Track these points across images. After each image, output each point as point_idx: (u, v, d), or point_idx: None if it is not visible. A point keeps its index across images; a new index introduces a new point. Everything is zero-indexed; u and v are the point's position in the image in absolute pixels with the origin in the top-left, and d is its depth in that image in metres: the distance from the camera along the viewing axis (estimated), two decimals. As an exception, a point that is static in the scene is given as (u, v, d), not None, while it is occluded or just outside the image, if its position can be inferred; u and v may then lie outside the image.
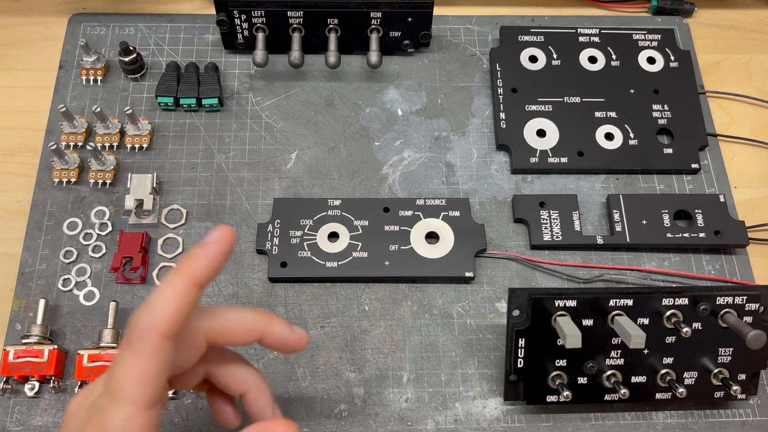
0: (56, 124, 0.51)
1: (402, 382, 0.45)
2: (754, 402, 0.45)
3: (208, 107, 0.53)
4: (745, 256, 0.50)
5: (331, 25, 0.53)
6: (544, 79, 0.55)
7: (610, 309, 0.41)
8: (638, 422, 0.44)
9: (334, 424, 0.43)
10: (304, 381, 0.44)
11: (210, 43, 0.56)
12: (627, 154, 0.52)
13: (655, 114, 0.54)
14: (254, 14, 0.52)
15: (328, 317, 0.46)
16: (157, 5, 0.58)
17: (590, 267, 0.49)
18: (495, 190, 0.51)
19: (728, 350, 0.42)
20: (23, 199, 0.49)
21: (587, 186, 0.52)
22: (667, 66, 0.56)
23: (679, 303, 0.41)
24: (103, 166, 0.49)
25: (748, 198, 0.53)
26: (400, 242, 0.48)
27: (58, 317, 0.45)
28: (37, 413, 0.42)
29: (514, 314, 0.41)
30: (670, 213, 0.50)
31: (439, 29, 0.57)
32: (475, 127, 0.54)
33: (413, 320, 0.46)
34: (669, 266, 0.49)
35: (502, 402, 0.44)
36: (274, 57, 0.55)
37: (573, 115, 0.53)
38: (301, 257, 0.47)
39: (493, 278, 0.48)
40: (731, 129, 0.55)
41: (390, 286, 0.48)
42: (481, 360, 0.45)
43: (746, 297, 0.41)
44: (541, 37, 0.56)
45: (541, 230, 0.49)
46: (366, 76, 0.55)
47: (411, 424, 0.43)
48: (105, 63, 0.54)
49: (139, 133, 0.51)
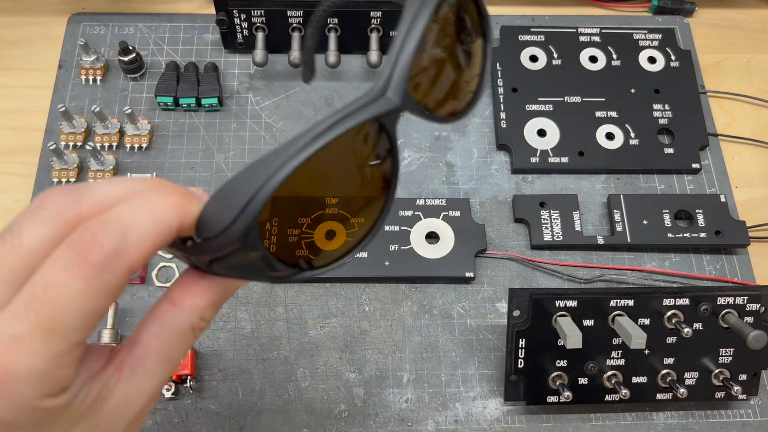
0: (55, 124, 0.51)
1: (402, 382, 0.44)
2: (755, 402, 0.45)
3: (208, 107, 0.53)
4: (746, 256, 0.50)
5: (330, 24, 0.53)
6: (544, 79, 0.55)
7: (611, 309, 0.41)
8: (639, 423, 0.44)
9: (334, 424, 0.43)
10: (304, 381, 0.44)
11: (209, 42, 0.56)
12: (628, 154, 0.52)
13: (655, 114, 0.54)
14: (254, 14, 0.52)
15: (328, 317, 0.46)
16: (156, 5, 0.58)
17: (591, 267, 0.48)
18: (495, 190, 0.51)
19: (729, 350, 0.42)
20: (22, 200, 0.49)
21: (588, 186, 0.52)
22: (668, 66, 0.56)
23: (679, 303, 0.41)
24: (102, 166, 0.49)
25: (748, 198, 0.52)
26: (400, 242, 0.48)
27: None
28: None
29: (514, 314, 0.41)
30: (670, 213, 0.50)
31: (439, 29, 0.57)
32: (476, 126, 0.54)
33: (413, 320, 0.46)
34: (670, 266, 0.49)
35: (503, 402, 0.44)
36: (274, 56, 0.55)
37: (573, 115, 0.53)
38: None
39: (494, 278, 0.48)
40: (732, 129, 0.55)
41: (390, 287, 0.47)
42: (482, 360, 0.45)
43: (747, 297, 0.41)
44: (542, 37, 0.56)
45: (542, 230, 0.49)
46: (366, 75, 0.55)
47: (411, 425, 0.43)
48: (104, 63, 0.54)
49: (138, 132, 0.51)
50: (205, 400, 0.43)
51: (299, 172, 0.21)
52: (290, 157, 0.21)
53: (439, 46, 0.28)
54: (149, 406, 0.24)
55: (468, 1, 0.28)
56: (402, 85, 0.24)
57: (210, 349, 0.45)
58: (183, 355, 0.24)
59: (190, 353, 0.42)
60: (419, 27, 0.24)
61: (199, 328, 0.24)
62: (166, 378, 0.24)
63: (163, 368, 0.23)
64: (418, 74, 0.26)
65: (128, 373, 0.23)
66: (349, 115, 0.23)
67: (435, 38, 0.27)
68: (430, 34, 0.26)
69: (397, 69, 0.24)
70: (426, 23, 0.24)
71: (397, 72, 0.24)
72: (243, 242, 0.21)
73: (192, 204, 0.22)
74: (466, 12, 0.29)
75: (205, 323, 0.24)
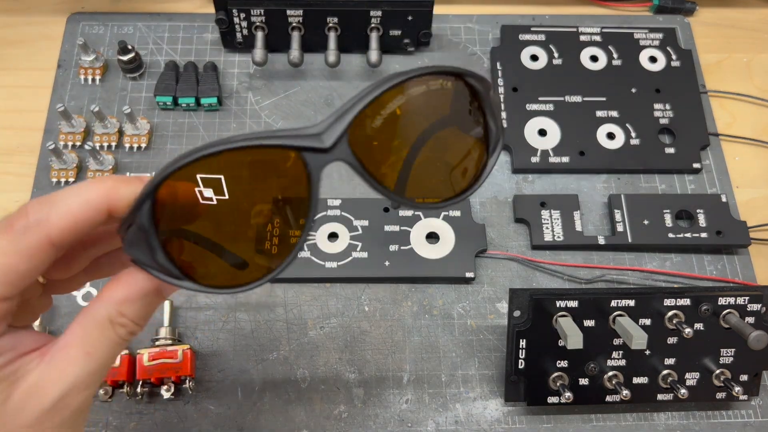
0: (54, 124, 0.51)
1: (402, 383, 0.44)
2: (755, 403, 0.45)
3: (207, 106, 0.52)
4: (747, 257, 0.50)
5: (330, 23, 0.53)
6: (545, 79, 0.54)
7: (612, 309, 0.40)
8: (640, 423, 0.44)
9: (334, 425, 0.43)
10: (304, 382, 0.44)
11: (209, 42, 0.56)
12: (628, 154, 0.52)
13: (656, 113, 0.54)
14: (253, 13, 0.51)
15: (328, 318, 0.46)
16: (155, 4, 0.58)
17: (591, 267, 0.48)
18: (496, 190, 0.51)
19: (730, 351, 0.42)
20: (21, 199, 0.49)
21: (588, 186, 0.52)
22: (669, 65, 0.55)
23: (680, 303, 0.41)
24: (101, 165, 0.49)
25: (749, 198, 0.52)
26: (400, 242, 0.48)
27: (56, 318, 0.45)
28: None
29: (515, 315, 0.41)
30: (671, 213, 0.49)
31: (439, 28, 0.57)
32: (476, 126, 0.53)
33: (413, 321, 0.46)
34: (671, 266, 0.49)
35: (503, 403, 0.44)
36: (274, 56, 0.55)
37: (574, 115, 0.53)
38: (300, 257, 0.47)
39: (494, 278, 0.48)
40: (733, 128, 0.55)
41: (390, 287, 0.47)
42: (482, 361, 0.45)
43: (748, 297, 0.41)
44: (542, 36, 0.56)
45: (542, 230, 0.49)
46: (366, 75, 0.55)
47: (411, 426, 0.43)
48: (103, 62, 0.53)
49: (137, 132, 0.51)
50: (204, 401, 0.43)
51: (209, 171, 0.24)
52: (197, 150, 0.23)
53: (411, 120, 0.27)
54: (69, 402, 0.24)
55: (475, 106, 0.28)
56: (339, 131, 0.24)
57: (210, 350, 0.45)
58: (107, 352, 0.25)
59: (189, 353, 0.41)
60: (384, 87, 0.24)
61: (119, 324, 0.25)
62: (89, 373, 0.24)
63: (82, 360, 0.24)
64: (372, 135, 0.26)
65: (48, 358, 0.24)
66: (273, 137, 0.24)
67: (410, 109, 0.27)
68: (405, 102, 0.26)
69: (345, 117, 0.24)
70: (393, 85, 0.25)
71: (342, 119, 0.24)
72: (134, 217, 0.24)
73: (124, 188, 0.25)
74: (468, 112, 0.28)
75: (127, 321, 0.25)
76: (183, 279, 0.25)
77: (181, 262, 0.25)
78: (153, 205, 0.24)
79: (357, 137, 0.25)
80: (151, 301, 0.26)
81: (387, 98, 0.26)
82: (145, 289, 0.26)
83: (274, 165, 0.25)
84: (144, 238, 0.24)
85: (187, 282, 0.25)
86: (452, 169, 0.29)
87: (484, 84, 0.27)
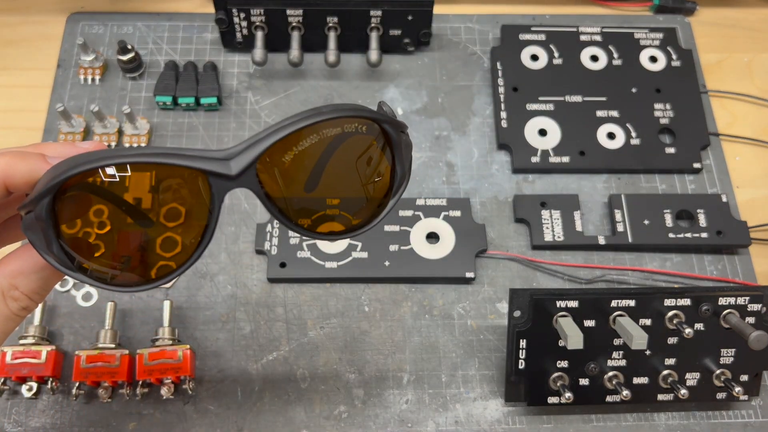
0: (54, 124, 0.51)
1: (402, 383, 0.44)
2: (756, 403, 0.45)
3: (207, 106, 0.52)
4: (748, 257, 0.49)
5: (330, 23, 0.52)
6: (545, 78, 0.54)
7: (612, 310, 0.40)
8: (640, 423, 0.44)
9: (334, 425, 0.43)
10: (304, 382, 0.44)
11: (209, 41, 0.56)
12: (629, 154, 0.52)
13: (656, 113, 0.53)
14: (253, 13, 0.51)
15: (328, 318, 0.46)
16: (155, 4, 0.58)
17: (592, 267, 0.48)
18: (496, 190, 0.51)
19: (730, 351, 0.42)
20: (21, 199, 0.49)
21: (589, 186, 0.52)
22: (669, 65, 0.55)
23: (681, 304, 0.41)
24: (101, 165, 0.49)
25: (750, 198, 0.52)
26: (400, 242, 0.47)
27: (55, 318, 0.45)
28: (35, 414, 0.42)
29: (515, 315, 0.41)
30: (672, 213, 0.49)
31: (439, 28, 0.57)
32: (476, 126, 0.53)
33: (413, 321, 0.46)
34: (671, 266, 0.49)
35: (503, 403, 0.44)
36: (273, 56, 0.55)
37: (574, 115, 0.53)
38: (300, 257, 0.47)
39: (494, 279, 0.48)
40: (733, 128, 0.55)
41: (390, 287, 0.47)
42: (482, 361, 0.45)
43: (749, 297, 0.41)
44: (543, 36, 0.56)
45: (543, 230, 0.49)
46: (366, 74, 0.55)
47: (411, 426, 0.43)
48: (103, 62, 0.53)
49: (137, 132, 0.50)
50: (204, 401, 0.43)
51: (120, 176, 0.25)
52: (106, 157, 0.24)
53: (319, 155, 0.28)
54: None
55: (386, 149, 0.29)
56: (248, 160, 0.25)
57: (209, 350, 0.44)
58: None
59: (189, 354, 0.41)
60: (302, 125, 0.25)
61: (12, 297, 0.25)
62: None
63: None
64: (281, 167, 0.27)
65: None
66: (182, 156, 0.24)
67: (322, 146, 0.28)
68: (318, 140, 0.27)
69: (256, 147, 0.25)
70: (306, 125, 0.25)
71: (253, 148, 0.25)
72: (32, 206, 0.24)
73: (21, 164, 0.25)
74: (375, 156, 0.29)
75: (20, 294, 0.25)
76: (75, 271, 0.25)
77: (75, 254, 0.26)
78: (52, 201, 0.24)
79: (266, 167, 0.26)
80: (47, 276, 0.26)
81: (302, 134, 0.26)
82: (40, 264, 0.25)
83: (181, 181, 0.26)
84: (41, 227, 0.24)
85: (79, 274, 0.26)
86: (355, 205, 0.30)
87: (398, 128, 0.28)
